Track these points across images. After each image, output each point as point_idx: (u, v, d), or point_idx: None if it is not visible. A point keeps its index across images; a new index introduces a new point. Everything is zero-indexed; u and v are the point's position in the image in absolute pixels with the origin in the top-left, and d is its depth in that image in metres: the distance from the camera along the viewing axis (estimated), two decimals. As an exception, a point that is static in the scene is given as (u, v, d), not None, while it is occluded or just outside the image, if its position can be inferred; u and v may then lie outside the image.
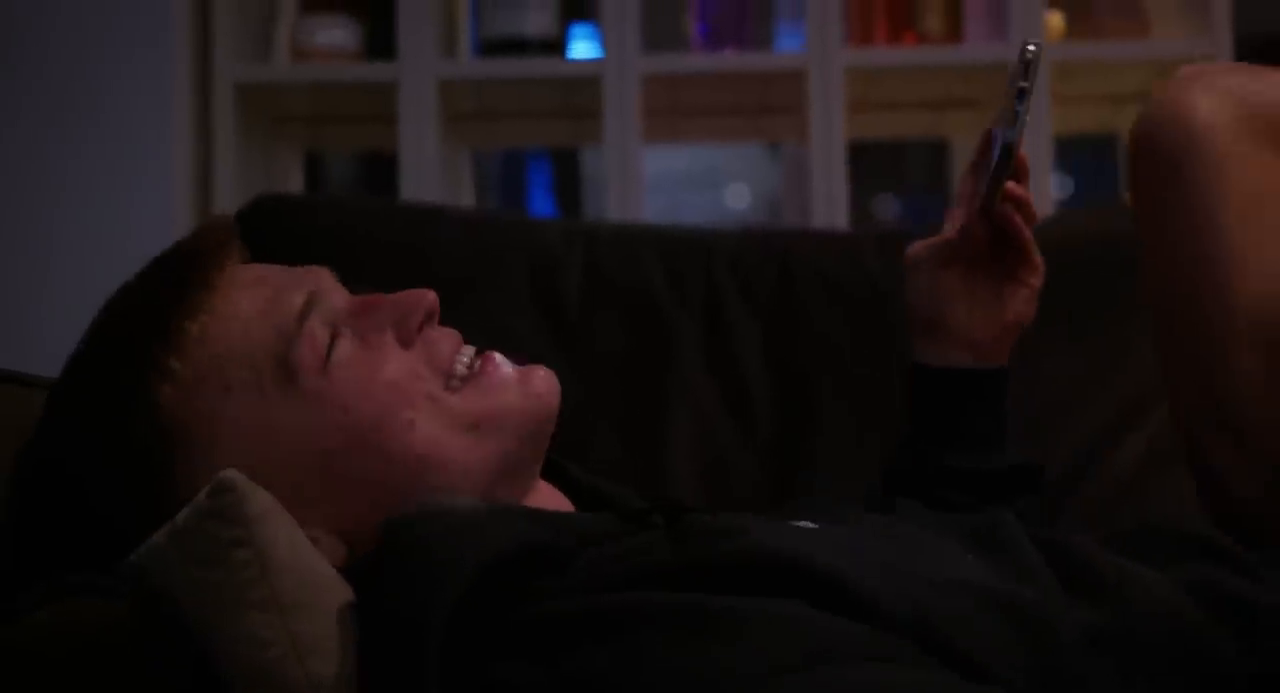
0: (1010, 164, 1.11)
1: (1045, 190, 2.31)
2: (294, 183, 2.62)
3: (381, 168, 2.79)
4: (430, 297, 1.02)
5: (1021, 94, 1.07)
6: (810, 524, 0.96)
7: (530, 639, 0.83)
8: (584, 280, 1.73)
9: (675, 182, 4.51)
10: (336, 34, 2.40)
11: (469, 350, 1.03)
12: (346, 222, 1.69)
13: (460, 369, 1.01)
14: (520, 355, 1.05)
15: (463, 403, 1.00)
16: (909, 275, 1.24)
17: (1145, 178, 1.16)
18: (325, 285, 1.02)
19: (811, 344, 1.73)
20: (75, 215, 2.19)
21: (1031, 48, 1.07)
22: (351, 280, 1.09)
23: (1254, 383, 1.11)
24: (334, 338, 0.99)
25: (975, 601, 0.88)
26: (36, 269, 2.17)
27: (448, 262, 1.71)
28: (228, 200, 2.26)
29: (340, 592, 0.94)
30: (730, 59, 2.41)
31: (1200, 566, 0.98)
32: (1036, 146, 2.27)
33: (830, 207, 2.30)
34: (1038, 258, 1.23)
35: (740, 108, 2.58)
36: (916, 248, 1.23)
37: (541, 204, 4.56)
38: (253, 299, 1.00)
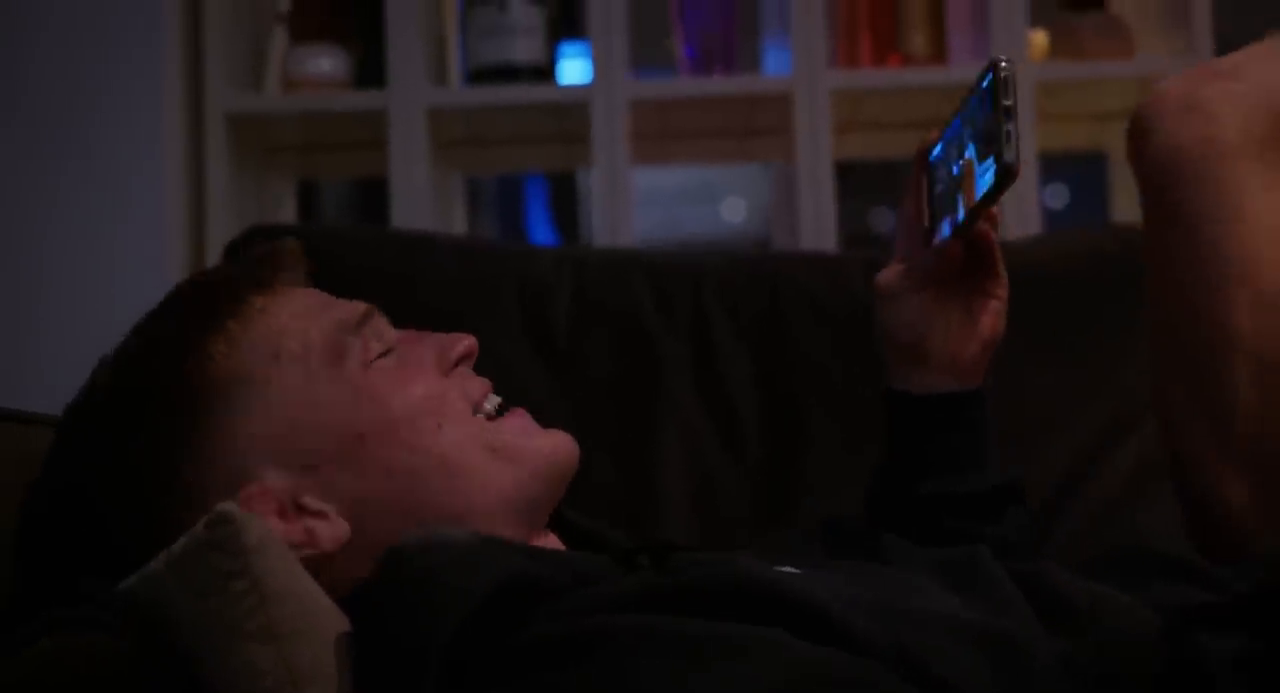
0: (1006, 186, 1.07)
1: (1032, 208, 2.33)
2: (287, 211, 2.64)
3: (374, 194, 2.81)
4: (472, 340, 1.09)
5: (1008, 113, 1.04)
6: (793, 569, 0.96)
7: (512, 666, 0.84)
8: (573, 306, 1.75)
9: (672, 196, 4.53)
10: (326, 63, 2.41)
11: (496, 399, 1.09)
12: (338, 251, 1.70)
13: (488, 408, 1.07)
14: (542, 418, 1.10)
15: (488, 428, 1.05)
16: (882, 305, 1.22)
17: (1147, 174, 1.11)
18: (377, 312, 1.10)
19: (800, 367, 1.74)
20: (67, 246, 2.20)
21: (1005, 65, 1.04)
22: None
23: (1249, 395, 1.09)
24: (384, 353, 1.06)
25: (950, 632, 0.89)
26: (27, 300, 2.18)
27: (439, 291, 1.73)
28: (221, 230, 2.27)
29: (337, 621, 0.96)
30: (717, 82, 2.43)
31: (1173, 586, 1.00)
32: (1024, 163, 2.28)
33: (819, 226, 2.31)
34: (1003, 271, 1.23)
35: (728, 130, 2.59)
36: (887, 276, 1.22)
37: (539, 226, 4.57)
38: (315, 298, 1.09)
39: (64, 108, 2.24)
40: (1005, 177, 1.04)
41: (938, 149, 1.16)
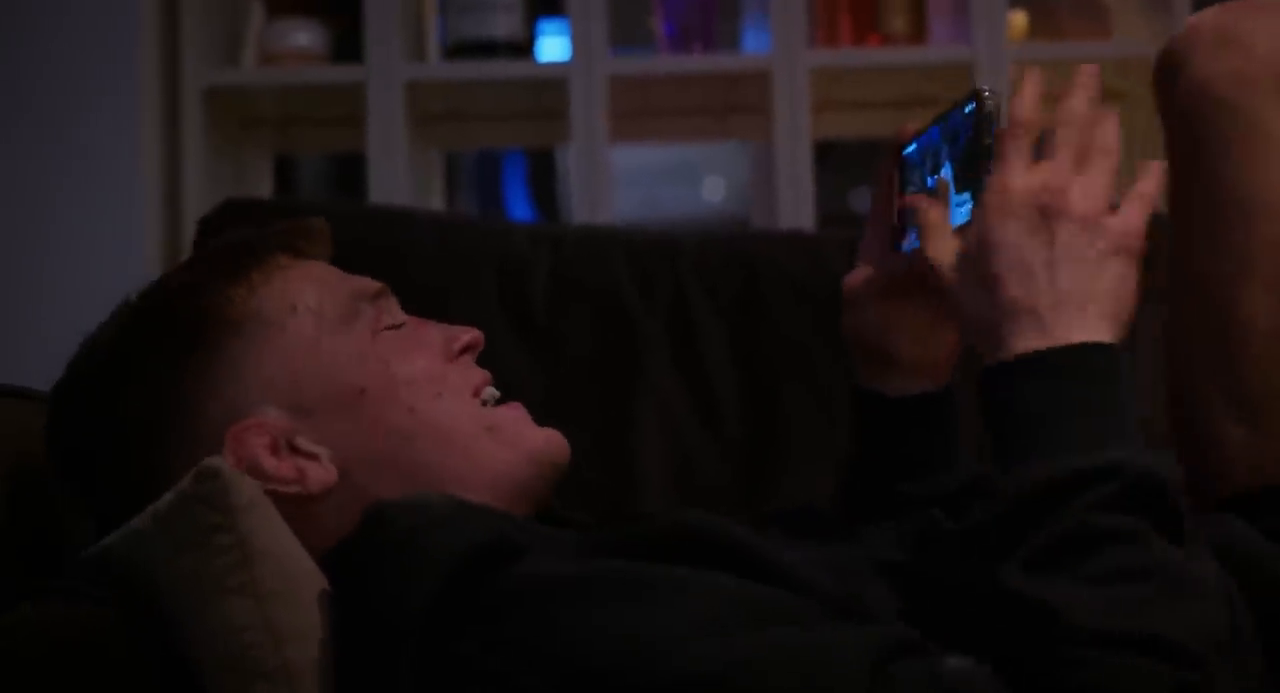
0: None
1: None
2: (264, 186, 2.62)
3: (351, 170, 2.79)
4: (477, 333, 1.11)
5: (989, 153, 1.01)
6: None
7: (473, 621, 0.87)
8: (551, 283, 1.74)
9: (651, 175, 4.52)
10: (304, 37, 2.40)
11: (496, 393, 1.10)
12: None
13: (487, 397, 1.09)
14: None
15: (485, 411, 1.07)
16: (850, 310, 1.18)
17: (1175, 109, 1.10)
18: (392, 296, 1.12)
19: (778, 346, 1.74)
20: (42, 221, 2.19)
21: (989, 96, 1.03)
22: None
23: (1265, 327, 1.11)
24: (394, 326, 1.09)
25: (897, 577, 0.96)
26: (2, 275, 2.17)
27: (419, 266, 1.72)
28: (197, 204, 2.25)
29: (318, 582, 0.97)
30: (696, 60, 2.42)
31: None
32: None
33: (797, 205, 2.31)
34: None
35: (707, 107, 2.59)
36: (855, 282, 1.18)
37: (517, 203, 4.55)
38: (335, 270, 1.12)
39: (39, 82, 2.23)
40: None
41: (913, 148, 1.14)
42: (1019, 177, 0.97)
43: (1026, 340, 0.94)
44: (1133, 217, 0.97)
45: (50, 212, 2.19)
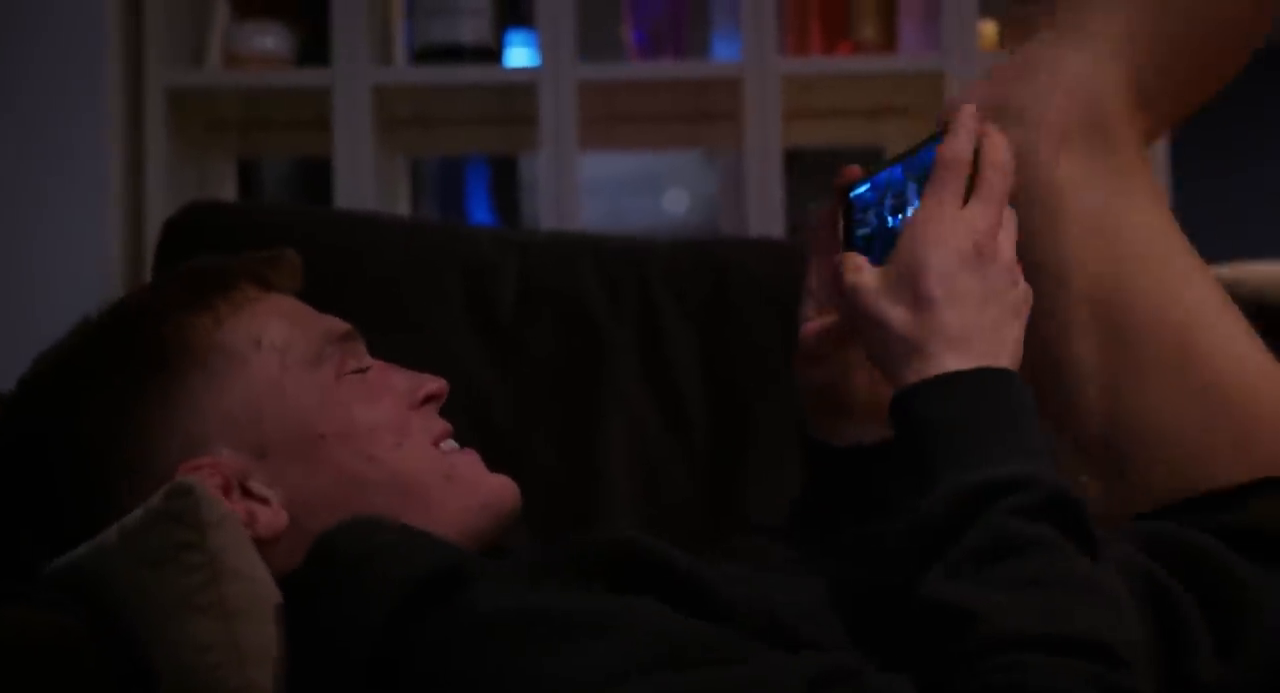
0: None
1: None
2: (227, 190, 2.60)
3: (316, 175, 2.77)
4: (442, 383, 1.10)
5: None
6: None
7: (420, 653, 0.88)
8: (518, 288, 1.73)
9: (614, 187, 4.52)
10: (269, 40, 2.38)
11: (455, 444, 1.10)
12: (280, 228, 1.68)
13: (446, 448, 1.08)
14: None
15: (444, 457, 1.07)
16: (808, 363, 1.13)
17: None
18: (360, 338, 1.11)
19: (747, 353, 1.74)
20: (5, 222, 2.16)
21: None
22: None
23: (1096, 408, 1.14)
24: (359, 370, 1.08)
25: (820, 592, 0.97)
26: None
27: (381, 269, 1.71)
28: (160, 207, 2.23)
29: (278, 600, 0.97)
30: (666, 67, 2.41)
31: None
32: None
33: (767, 214, 2.30)
34: None
35: (677, 115, 2.57)
36: (812, 335, 1.12)
37: (480, 211, 4.55)
38: (304, 307, 1.11)
39: (2, 82, 2.20)
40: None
41: (864, 189, 1.11)
42: (954, 209, 0.99)
43: (946, 361, 0.95)
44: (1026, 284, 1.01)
45: (12, 213, 2.16)
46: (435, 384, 1.10)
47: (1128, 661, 0.81)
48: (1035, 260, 1.09)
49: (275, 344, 1.05)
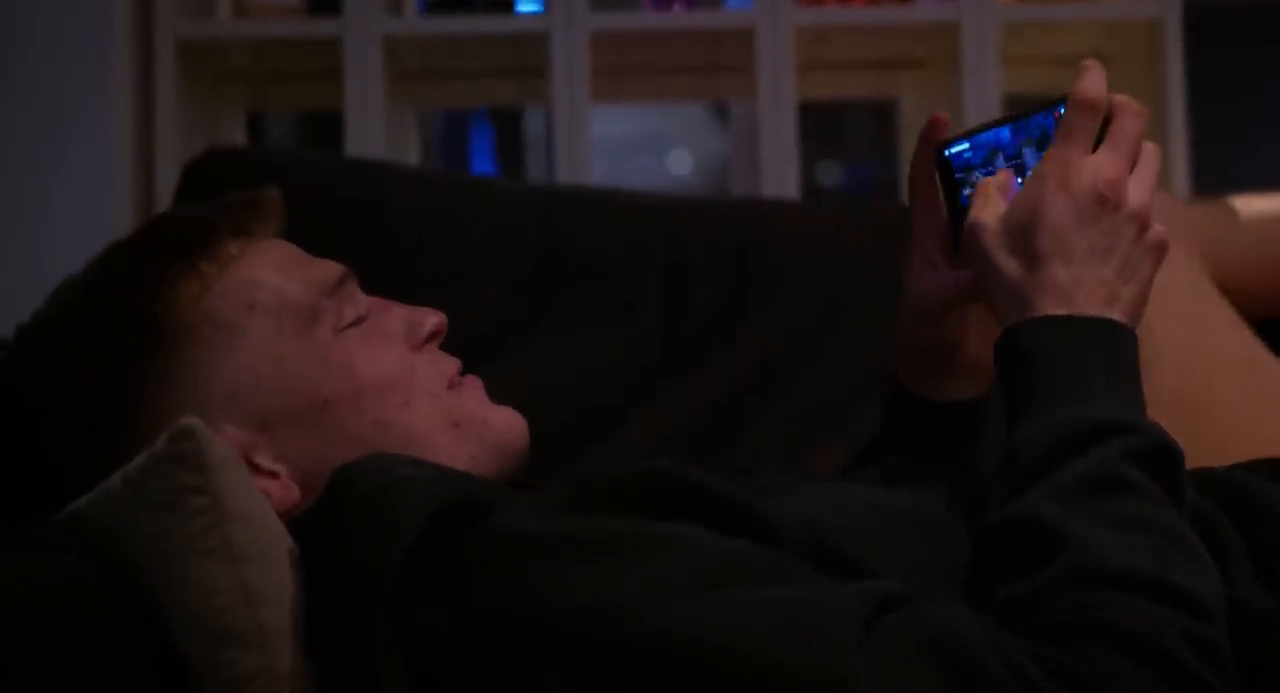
0: None
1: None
2: (237, 140, 2.58)
3: (324, 127, 2.76)
4: (442, 317, 1.07)
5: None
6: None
7: (442, 583, 0.86)
8: (541, 240, 1.72)
9: (617, 146, 4.50)
10: (280, -10, 2.36)
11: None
12: (300, 175, 1.67)
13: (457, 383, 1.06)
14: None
15: (451, 399, 1.04)
16: (921, 325, 1.09)
17: None
18: (352, 276, 1.07)
19: (773, 313, 1.73)
20: (14, 174, 2.15)
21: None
22: (303, 232, 1.10)
23: None
24: (358, 320, 1.04)
25: (871, 515, 0.96)
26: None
27: (403, 217, 1.69)
28: (170, 159, 2.22)
29: (289, 544, 0.95)
30: (679, 17, 2.40)
31: None
32: (985, 107, 2.27)
33: (780, 169, 2.28)
34: None
35: (689, 67, 2.56)
36: (931, 294, 1.08)
37: (483, 166, 4.54)
38: (292, 254, 1.06)
39: (11, 33, 2.18)
40: None
41: (963, 147, 1.08)
42: (1082, 156, 0.97)
43: (1053, 312, 0.94)
44: (1162, 227, 0.98)
45: (24, 164, 2.15)
46: (434, 319, 1.07)
47: (1211, 612, 0.81)
48: None
49: (269, 305, 1.01)
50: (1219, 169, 2.65)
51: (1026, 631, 0.79)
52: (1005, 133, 1.07)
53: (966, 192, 1.07)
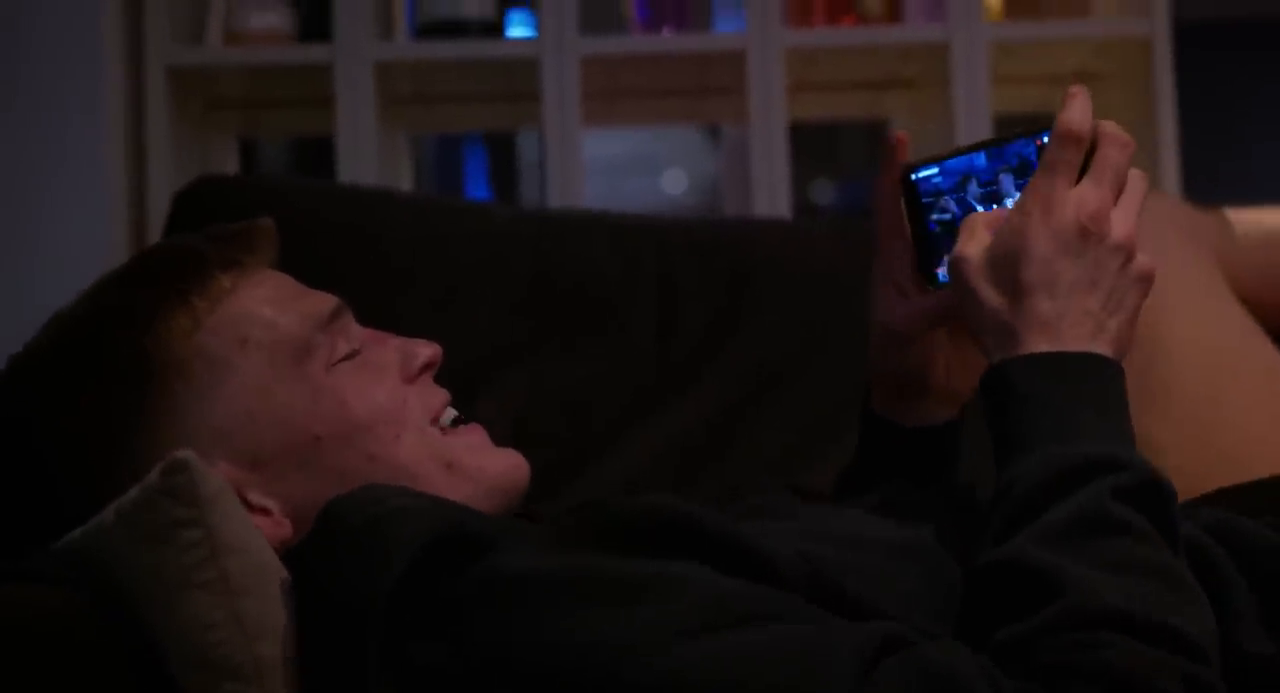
0: None
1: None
2: (229, 168, 2.58)
3: (317, 153, 2.76)
4: (436, 349, 1.07)
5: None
6: None
7: (439, 618, 0.85)
8: (534, 264, 1.72)
9: (612, 167, 4.50)
10: (270, 17, 2.36)
11: (454, 413, 1.07)
12: (291, 202, 1.67)
13: (445, 422, 1.06)
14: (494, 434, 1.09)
15: (445, 442, 1.04)
16: (891, 350, 1.11)
17: None
18: (347, 309, 1.07)
19: (765, 333, 1.73)
20: (7, 204, 2.14)
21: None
22: (295, 261, 1.10)
23: None
24: (351, 354, 1.04)
25: (866, 546, 0.96)
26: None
27: (394, 244, 1.70)
28: (162, 186, 2.21)
29: (283, 576, 0.95)
30: (669, 40, 2.40)
31: None
32: (976, 126, 2.28)
33: (772, 189, 2.29)
34: None
35: (680, 90, 2.56)
36: (900, 320, 1.10)
37: (477, 190, 4.54)
38: (286, 286, 1.05)
39: (2, 62, 2.18)
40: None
41: (931, 172, 1.08)
42: (1065, 188, 0.96)
43: (1038, 346, 0.94)
44: (1148, 257, 0.98)
45: (15, 194, 2.14)
46: (429, 351, 1.07)
47: (1206, 654, 0.81)
48: None
49: (261, 341, 1.01)
50: (1209, 182, 2.65)
51: (1024, 672, 0.79)
52: (980, 159, 1.07)
53: (935, 217, 1.07)
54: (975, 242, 0.98)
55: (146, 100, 2.28)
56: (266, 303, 1.03)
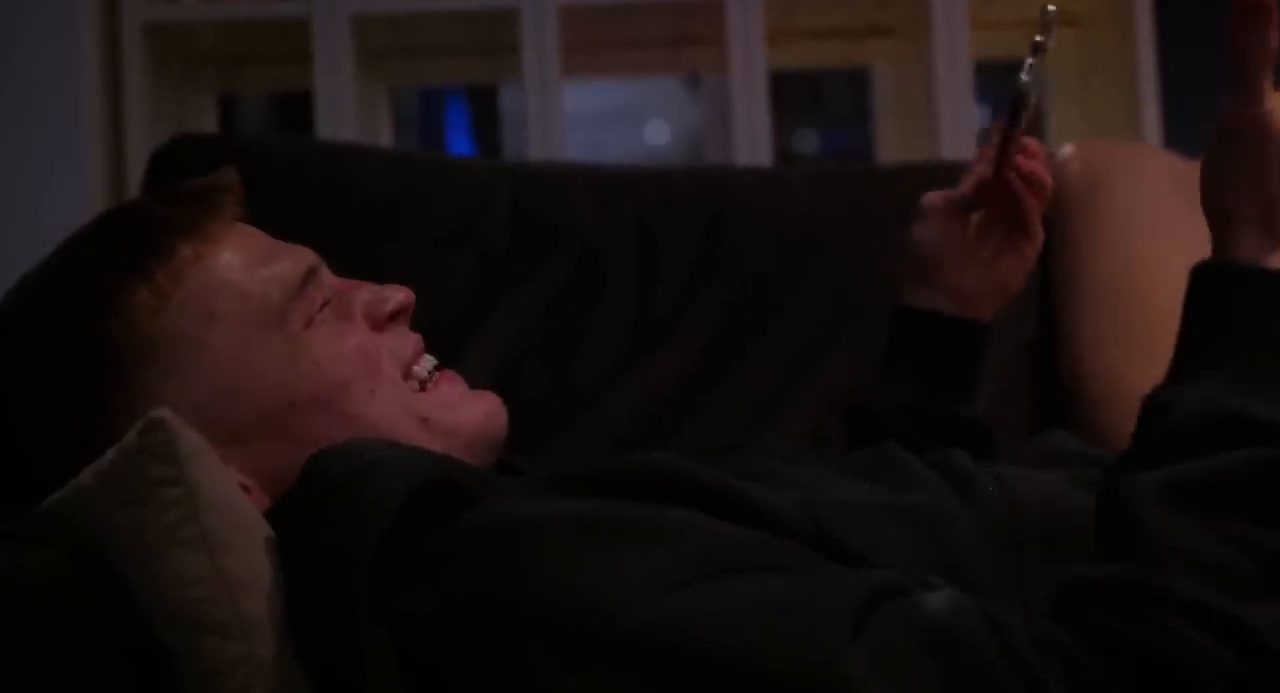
0: (1019, 117, 1.13)
1: (969, 119, 2.31)
2: (207, 125, 2.56)
3: (296, 109, 2.74)
4: (407, 293, 1.05)
5: (1036, 48, 1.09)
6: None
7: (424, 566, 0.85)
8: (512, 216, 1.72)
9: (594, 119, 4.49)
10: (246, -29, 2.34)
11: (430, 360, 1.05)
12: (270, 159, 1.66)
13: (420, 372, 1.04)
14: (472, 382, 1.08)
15: (419, 399, 1.02)
16: (918, 222, 1.25)
17: None
18: (321, 264, 1.04)
19: (743, 280, 1.73)
20: (-16, 162, 2.14)
21: (1051, 8, 1.09)
22: (273, 218, 1.08)
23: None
24: (323, 306, 1.01)
25: (870, 512, 0.94)
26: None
27: (373, 198, 1.69)
28: (140, 144, 2.20)
29: (266, 531, 0.94)
30: (648, -9, 2.38)
31: (1090, 469, 1.03)
32: (956, 74, 2.27)
33: (753, 139, 2.28)
34: (1038, 229, 1.23)
35: (660, 40, 2.55)
36: (933, 197, 1.25)
37: (460, 143, 4.52)
38: (254, 247, 1.02)
39: (-26, 21, 2.17)
40: (1016, 100, 1.11)
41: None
42: None
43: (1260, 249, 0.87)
44: None
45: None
46: (400, 296, 1.04)
47: (1271, 654, 0.74)
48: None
49: (230, 313, 0.98)
50: (1191, 129, 2.65)
51: (1069, 622, 0.77)
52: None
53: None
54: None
55: (123, 58, 2.26)
56: (234, 269, 1.00)
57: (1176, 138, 2.34)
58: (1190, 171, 1.48)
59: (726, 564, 0.81)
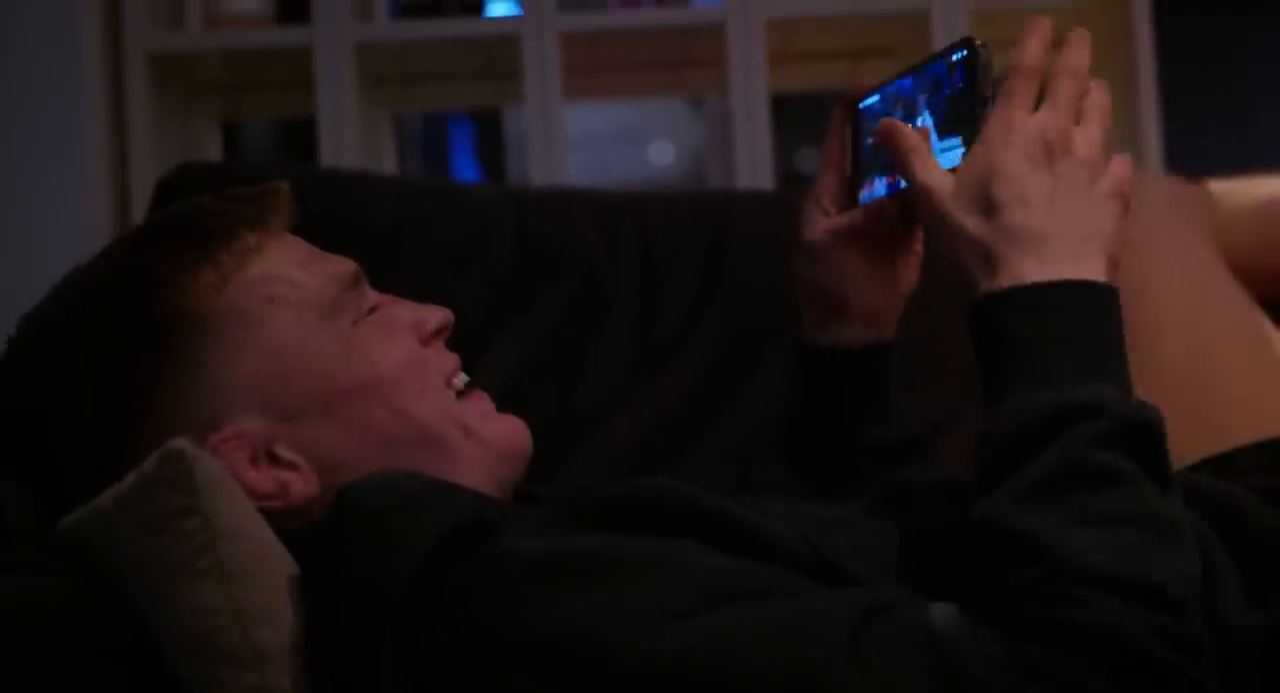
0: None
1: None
2: (212, 152, 2.58)
3: (300, 135, 2.75)
4: (446, 313, 1.09)
5: (987, 102, 1.03)
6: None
7: (443, 604, 0.86)
8: (516, 243, 1.72)
9: (599, 140, 4.50)
10: (249, 0, 2.35)
11: (465, 377, 1.09)
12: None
13: (459, 384, 1.07)
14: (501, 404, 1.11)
15: (460, 406, 1.05)
16: (808, 261, 1.19)
17: None
18: (363, 274, 1.08)
19: (746, 301, 1.73)
20: (-12, 192, 2.15)
21: (985, 50, 1.04)
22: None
23: None
24: (370, 311, 1.05)
25: (865, 531, 0.98)
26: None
27: (378, 225, 1.70)
28: (145, 173, 2.21)
29: (287, 563, 0.95)
30: (648, 15, 2.39)
31: None
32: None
33: (754, 160, 2.29)
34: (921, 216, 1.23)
35: (661, 63, 2.56)
36: (817, 234, 1.18)
37: (464, 167, 4.53)
38: (307, 248, 1.07)
39: (-21, 50, 2.18)
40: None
41: (873, 99, 1.15)
42: (1025, 113, 0.98)
43: (1023, 266, 0.94)
44: (1124, 166, 0.98)
45: (-4, 181, 2.14)
46: (441, 315, 1.08)
47: (1182, 603, 0.81)
48: None
49: (289, 298, 1.02)
50: (1192, 139, 2.66)
51: (1010, 629, 0.80)
52: (907, 82, 1.10)
53: (869, 140, 1.13)
54: (932, 170, 1.00)
55: (127, 86, 2.27)
56: (291, 263, 1.04)
57: (1176, 146, 2.35)
58: (1188, 194, 1.49)
59: (725, 594, 0.83)
